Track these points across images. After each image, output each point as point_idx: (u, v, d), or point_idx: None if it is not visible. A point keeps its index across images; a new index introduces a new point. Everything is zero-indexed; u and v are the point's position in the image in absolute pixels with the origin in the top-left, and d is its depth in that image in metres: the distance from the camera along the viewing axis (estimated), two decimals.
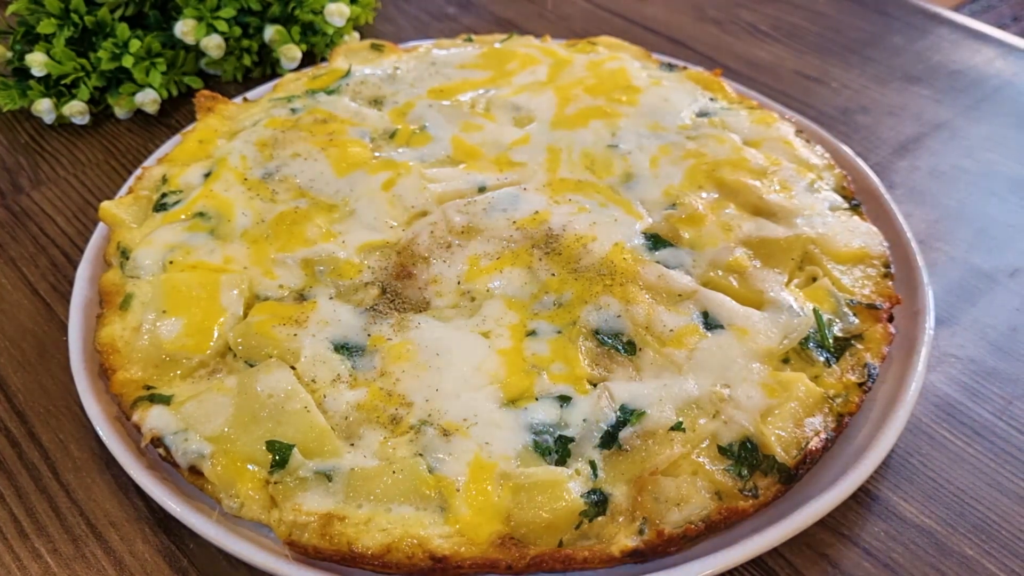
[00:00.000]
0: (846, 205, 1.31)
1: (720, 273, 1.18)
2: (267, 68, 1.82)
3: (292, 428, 0.98)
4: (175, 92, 1.73)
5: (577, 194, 1.30)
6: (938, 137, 1.66)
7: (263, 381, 1.02)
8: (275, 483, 0.95)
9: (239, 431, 0.99)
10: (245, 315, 1.13)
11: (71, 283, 1.25)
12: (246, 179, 1.31)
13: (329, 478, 0.95)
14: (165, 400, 1.03)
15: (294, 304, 1.14)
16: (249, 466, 0.96)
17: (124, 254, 1.21)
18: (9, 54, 1.69)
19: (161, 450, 1.00)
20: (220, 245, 1.21)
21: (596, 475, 0.96)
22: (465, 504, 0.92)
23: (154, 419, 1.01)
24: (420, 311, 1.14)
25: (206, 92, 1.52)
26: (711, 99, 1.52)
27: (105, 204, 1.28)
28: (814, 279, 1.18)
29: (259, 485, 0.95)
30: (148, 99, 1.67)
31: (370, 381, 1.05)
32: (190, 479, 0.99)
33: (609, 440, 0.98)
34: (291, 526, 0.92)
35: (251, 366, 1.06)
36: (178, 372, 1.07)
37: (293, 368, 1.05)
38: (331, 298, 1.15)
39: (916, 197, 1.52)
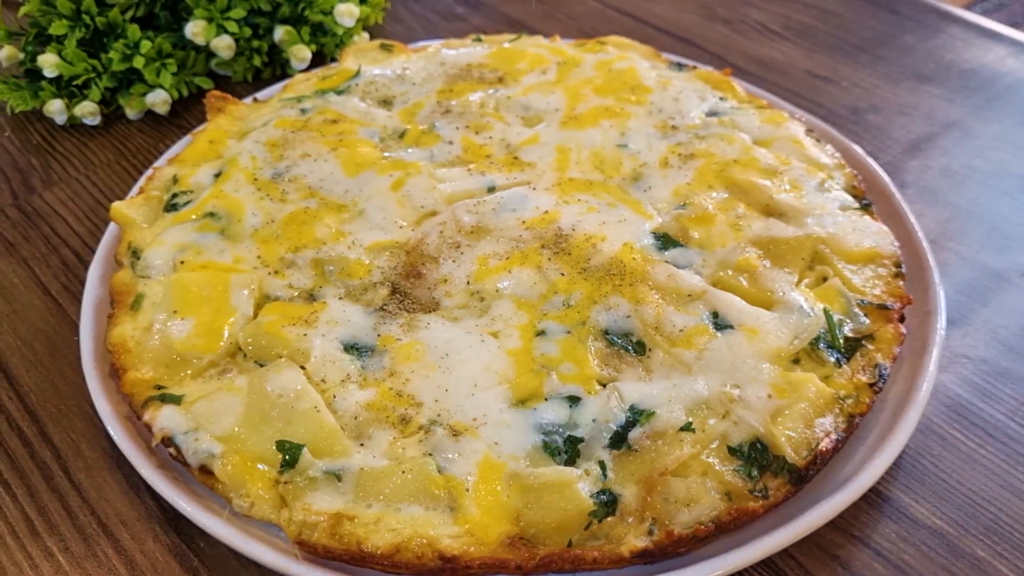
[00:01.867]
0: (857, 205, 1.30)
1: (730, 273, 1.17)
2: (277, 68, 1.83)
3: (302, 428, 0.98)
4: (186, 93, 1.73)
5: (586, 194, 1.30)
6: (949, 136, 1.65)
7: (273, 381, 1.02)
8: (285, 483, 0.95)
9: (249, 431, 0.99)
10: (255, 315, 1.13)
11: (82, 283, 1.26)
12: (256, 179, 1.31)
13: (339, 478, 0.95)
14: (176, 400, 1.04)
15: (304, 304, 1.14)
16: (259, 466, 0.97)
17: (135, 254, 1.22)
18: (21, 55, 1.70)
19: (172, 450, 1.00)
20: (230, 245, 1.21)
21: (605, 475, 0.96)
22: (474, 504, 0.92)
23: (165, 419, 1.01)
24: (429, 311, 1.14)
25: (216, 92, 1.52)
26: (721, 98, 1.51)
27: (116, 204, 1.28)
28: (824, 279, 1.18)
29: (269, 485, 0.96)
30: (159, 100, 1.67)
31: (379, 381, 1.05)
32: (200, 479, 0.99)
33: (618, 440, 0.98)
34: (301, 526, 0.92)
35: (261, 366, 1.06)
36: (188, 372, 1.08)
37: (303, 368, 1.05)
38: (340, 298, 1.15)
39: (927, 196, 1.51)
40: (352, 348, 1.09)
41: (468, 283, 1.16)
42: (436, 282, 1.17)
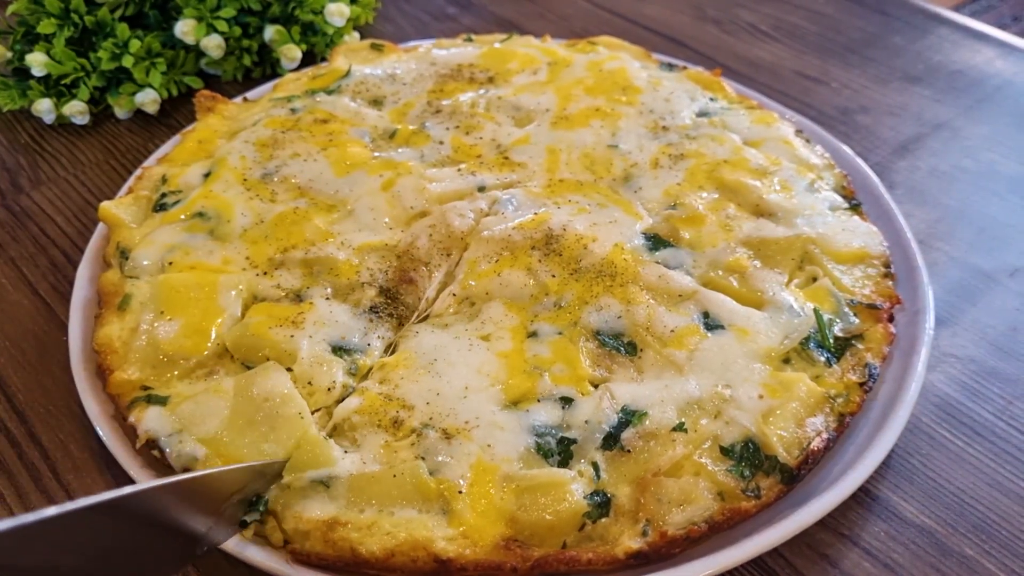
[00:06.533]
0: (846, 205, 1.31)
1: (720, 273, 1.18)
2: (267, 68, 1.82)
3: (285, 434, 0.98)
4: (175, 92, 1.72)
5: (577, 194, 1.30)
6: (938, 137, 1.66)
7: (259, 385, 1.02)
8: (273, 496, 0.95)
9: (233, 435, 0.98)
10: (243, 316, 1.12)
11: (71, 283, 1.25)
12: (245, 179, 1.31)
13: (326, 485, 0.94)
14: (162, 401, 1.03)
15: (291, 305, 1.13)
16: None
17: (123, 254, 1.21)
18: (9, 54, 1.69)
19: (156, 452, 1.00)
20: (219, 246, 1.21)
21: (599, 476, 0.96)
22: (468, 507, 0.92)
23: (150, 420, 1.01)
24: (420, 320, 1.14)
25: (206, 92, 1.52)
26: (711, 99, 1.51)
27: (105, 204, 1.27)
28: (814, 279, 1.18)
29: None
30: (148, 99, 1.66)
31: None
32: None
33: (611, 441, 0.98)
34: (292, 534, 0.92)
35: (248, 368, 1.06)
36: (175, 373, 1.07)
37: (290, 370, 1.05)
38: (327, 298, 1.14)
39: (916, 197, 1.52)
40: (340, 350, 1.08)
41: (455, 294, 1.16)
42: (427, 289, 1.17)
